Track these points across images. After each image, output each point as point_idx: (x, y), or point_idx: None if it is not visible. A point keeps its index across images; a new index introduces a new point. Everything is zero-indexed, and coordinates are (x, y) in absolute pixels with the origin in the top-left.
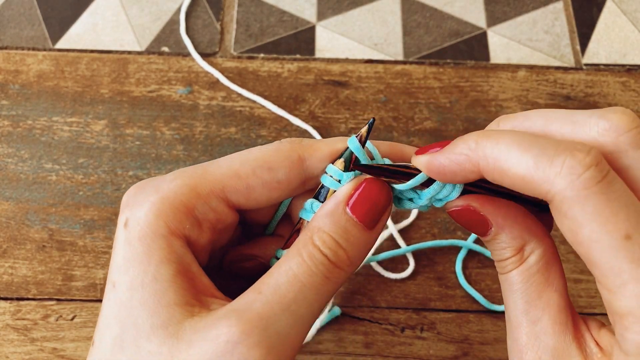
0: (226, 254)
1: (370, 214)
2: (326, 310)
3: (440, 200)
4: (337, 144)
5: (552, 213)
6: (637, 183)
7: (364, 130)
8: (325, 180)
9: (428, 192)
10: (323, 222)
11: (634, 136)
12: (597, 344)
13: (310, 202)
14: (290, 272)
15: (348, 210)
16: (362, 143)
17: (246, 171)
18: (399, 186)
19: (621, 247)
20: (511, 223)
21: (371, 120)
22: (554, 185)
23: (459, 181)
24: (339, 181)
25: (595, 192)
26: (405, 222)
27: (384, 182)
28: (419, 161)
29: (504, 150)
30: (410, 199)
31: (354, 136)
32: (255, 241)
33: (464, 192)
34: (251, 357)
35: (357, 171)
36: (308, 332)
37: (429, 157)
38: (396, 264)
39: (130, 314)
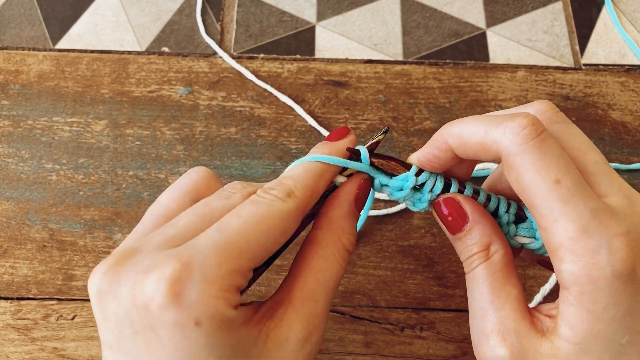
0: None
1: (361, 205)
2: None
3: (430, 200)
4: (319, 181)
5: (504, 170)
6: None
7: (380, 137)
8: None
9: (426, 188)
10: (346, 223)
11: (552, 115)
12: (547, 316)
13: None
14: (334, 278)
15: (355, 209)
16: (372, 150)
17: (271, 243)
18: (396, 180)
19: (552, 190)
20: (484, 220)
21: (386, 129)
22: (501, 144)
23: (445, 162)
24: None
25: (531, 146)
26: (406, 222)
27: (368, 179)
28: (412, 159)
29: (463, 127)
30: (419, 199)
31: (364, 151)
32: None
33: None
34: (315, 347)
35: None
36: None
37: (417, 153)
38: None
39: None
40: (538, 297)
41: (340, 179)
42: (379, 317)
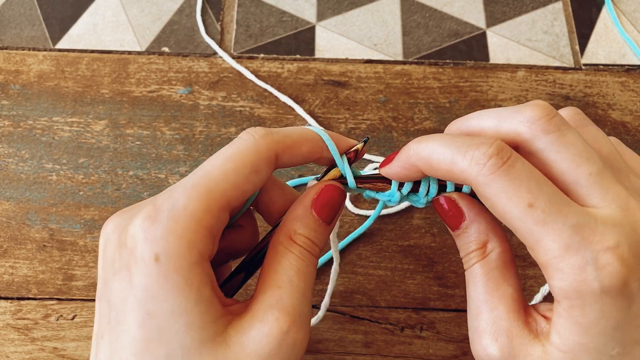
0: None
1: (329, 213)
2: None
3: (428, 200)
4: (304, 142)
5: (478, 196)
6: (547, 160)
7: (359, 145)
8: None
9: (422, 192)
10: (298, 225)
11: (543, 124)
12: (544, 316)
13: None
14: (293, 266)
15: (314, 212)
16: (353, 160)
17: (242, 180)
18: (384, 195)
19: (527, 214)
20: (480, 219)
21: (366, 138)
22: (469, 174)
23: (413, 179)
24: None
25: (498, 175)
26: (406, 222)
27: (339, 186)
28: (383, 172)
29: (431, 151)
30: (416, 201)
31: (345, 158)
32: (222, 235)
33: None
34: (299, 339)
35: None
36: None
37: (386, 168)
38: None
39: (176, 337)
40: (538, 297)
41: (312, 182)
42: (379, 317)
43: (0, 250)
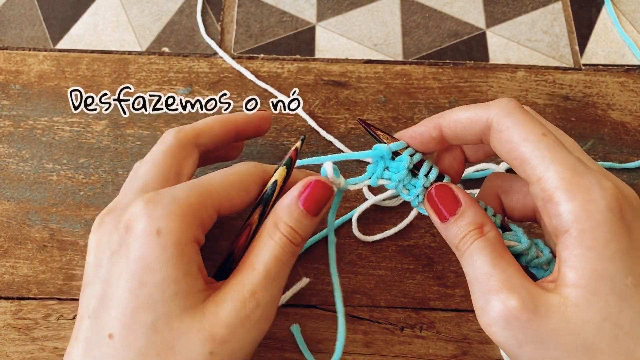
0: None
1: (315, 206)
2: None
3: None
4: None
5: (492, 139)
6: None
7: (298, 144)
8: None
9: (420, 175)
10: (283, 214)
11: (520, 105)
12: (548, 282)
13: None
14: (271, 252)
15: (300, 204)
16: (295, 159)
17: (234, 193)
18: (394, 162)
19: (541, 141)
20: (476, 205)
21: (303, 137)
22: (492, 111)
23: (426, 141)
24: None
25: (519, 111)
26: (405, 222)
27: (327, 183)
28: (400, 134)
29: (455, 111)
30: (414, 185)
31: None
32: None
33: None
34: (263, 317)
35: None
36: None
37: (406, 130)
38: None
39: (163, 304)
40: None
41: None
42: (379, 317)
43: (0, 250)
